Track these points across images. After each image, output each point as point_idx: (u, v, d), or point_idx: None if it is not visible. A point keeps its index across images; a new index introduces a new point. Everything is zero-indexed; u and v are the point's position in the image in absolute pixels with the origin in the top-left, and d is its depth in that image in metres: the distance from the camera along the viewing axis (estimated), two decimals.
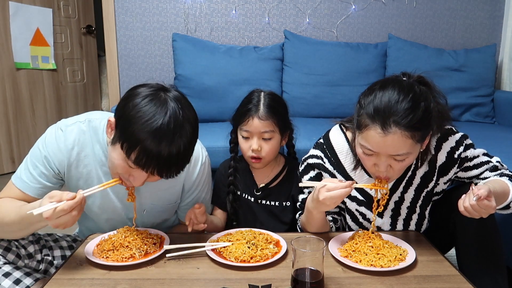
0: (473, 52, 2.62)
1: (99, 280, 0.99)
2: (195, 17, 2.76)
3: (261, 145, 1.33)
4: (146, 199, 1.23)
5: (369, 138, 1.01)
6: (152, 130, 0.94)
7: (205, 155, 1.30)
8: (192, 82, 2.49)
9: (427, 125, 1.02)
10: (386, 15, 2.79)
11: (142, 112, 0.95)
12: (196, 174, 1.26)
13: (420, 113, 0.98)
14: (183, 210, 1.34)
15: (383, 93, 1.01)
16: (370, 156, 1.05)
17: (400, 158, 1.03)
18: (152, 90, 0.99)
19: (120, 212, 1.25)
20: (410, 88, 1.01)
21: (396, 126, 0.97)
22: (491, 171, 1.19)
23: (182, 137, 0.96)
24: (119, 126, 1.00)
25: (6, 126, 3.17)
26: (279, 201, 1.41)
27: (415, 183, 1.22)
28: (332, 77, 2.56)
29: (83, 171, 1.18)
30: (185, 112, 0.98)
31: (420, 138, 1.02)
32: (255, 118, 1.31)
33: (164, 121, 0.94)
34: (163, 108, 0.96)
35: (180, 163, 1.00)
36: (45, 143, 1.15)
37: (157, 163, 0.96)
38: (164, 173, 1.00)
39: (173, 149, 0.95)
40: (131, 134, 0.95)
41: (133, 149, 0.96)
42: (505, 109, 2.55)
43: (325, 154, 1.27)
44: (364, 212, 1.26)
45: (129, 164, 0.99)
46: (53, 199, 0.95)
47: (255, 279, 0.98)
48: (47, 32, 3.35)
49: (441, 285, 0.97)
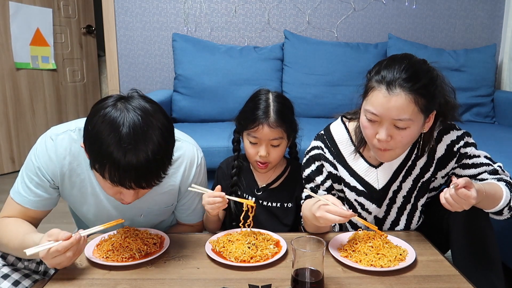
0: (473, 52, 2.62)
1: (99, 280, 0.98)
2: (195, 17, 2.76)
3: (269, 151, 1.32)
4: (143, 203, 1.22)
5: (374, 101, 1.05)
6: (114, 144, 0.91)
7: (200, 157, 1.28)
8: (192, 82, 2.49)
9: (432, 95, 1.05)
10: (386, 15, 2.79)
11: (101, 130, 0.92)
12: (192, 176, 1.25)
13: (425, 80, 1.03)
14: (180, 210, 1.33)
15: (393, 61, 1.06)
16: (373, 123, 1.07)
17: (402, 124, 1.04)
18: (109, 105, 0.96)
19: (116, 219, 1.24)
20: (419, 61, 1.07)
21: (400, 88, 1.01)
22: (490, 174, 1.18)
23: (147, 144, 0.92)
24: (87, 150, 0.98)
25: (6, 126, 3.17)
26: (280, 202, 1.41)
27: (414, 173, 1.22)
28: (332, 77, 2.56)
29: (76, 180, 1.16)
30: (147, 119, 0.94)
31: (423, 107, 1.03)
32: (265, 126, 1.28)
33: (123, 132, 0.91)
34: (119, 119, 0.92)
35: (155, 170, 0.96)
36: (37, 154, 1.13)
37: (130, 175, 0.93)
38: (143, 183, 0.96)
39: (140, 158, 0.91)
40: (97, 154, 0.94)
41: (104, 168, 0.93)
42: (505, 109, 2.55)
43: (325, 145, 1.28)
44: (362, 202, 1.26)
45: (110, 184, 0.97)
46: (51, 238, 0.94)
47: (255, 279, 0.98)
48: (47, 32, 3.35)
49: (441, 285, 0.97)
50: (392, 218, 1.28)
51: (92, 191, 1.18)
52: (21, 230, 1.08)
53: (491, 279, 1.10)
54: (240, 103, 1.42)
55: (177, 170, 1.23)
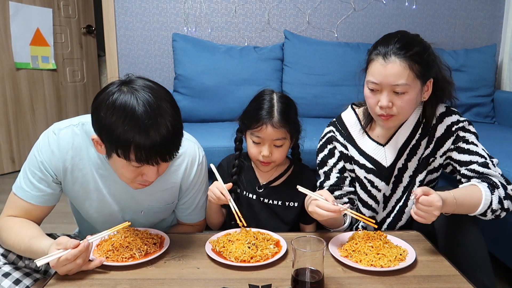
0: (473, 52, 2.62)
1: (99, 280, 0.99)
2: (195, 17, 2.76)
3: (272, 151, 1.33)
4: (144, 200, 1.23)
5: (373, 70, 1.17)
6: (134, 125, 0.93)
7: (202, 155, 1.29)
8: (192, 82, 2.49)
9: (425, 62, 1.16)
10: (386, 15, 2.79)
11: (116, 115, 0.94)
12: (193, 174, 1.26)
13: (418, 48, 1.15)
14: (180, 209, 1.34)
15: (388, 36, 1.20)
16: (375, 92, 1.18)
17: (400, 89, 1.14)
18: (115, 91, 0.97)
19: (117, 215, 1.25)
20: (412, 34, 1.21)
21: (395, 55, 1.13)
22: (479, 166, 1.19)
23: (164, 117, 0.96)
24: (104, 139, 0.99)
25: (6, 126, 3.18)
26: (282, 201, 1.41)
27: (419, 153, 1.29)
28: (332, 77, 2.56)
29: (78, 175, 1.17)
30: (154, 93, 0.97)
31: (419, 73, 1.14)
32: (268, 126, 1.29)
33: (140, 112, 0.93)
34: (132, 101, 0.94)
35: (176, 139, 1.01)
36: (40, 148, 1.14)
37: (156, 150, 0.96)
38: (167, 155, 1.00)
39: (163, 132, 0.95)
40: (118, 139, 0.95)
41: (128, 151, 0.95)
42: (505, 109, 2.55)
43: (336, 128, 1.39)
44: (372, 180, 1.33)
45: (134, 165, 1.00)
46: (60, 247, 0.96)
47: (255, 279, 0.98)
48: (47, 32, 3.35)
49: (441, 285, 0.97)
50: (398, 197, 1.35)
51: (94, 186, 1.18)
52: (27, 233, 1.09)
53: (481, 280, 1.10)
54: (240, 103, 1.43)
55: (178, 167, 1.23)
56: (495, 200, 1.12)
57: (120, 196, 1.20)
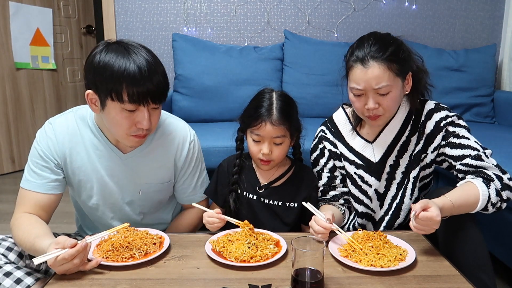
0: (473, 52, 2.62)
1: (99, 280, 0.99)
2: (195, 17, 2.76)
3: (272, 149, 1.33)
4: (140, 179, 1.28)
5: (354, 77, 1.20)
6: (126, 62, 1.05)
7: (193, 134, 1.36)
8: (192, 82, 2.49)
9: (402, 59, 1.19)
10: (386, 15, 2.79)
11: (109, 57, 1.06)
12: (185, 151, 1.32)
13: (392, 48, 1.18)
14: (180, 191, 1.39)
15: (361, 41, 1.22)
16: (360, 97, 1.22)
17: (383, 90, 1.17)
18: (104, 44, 1.12)
19: (117, 197, 1.28)
20: (383, 34, 1.24)
21: (373, 59, 1.16)
22: (472, 159, 1.19)
23: (140, 51, 1.10)
24: (98, 87, 1.08)
25: (6, 126, 3.18)
26: (282, 201, 1.41)
27: (410, 149, 1.32)
28: (332, 77, 2.55)
29: (77, 158, 1.23)
30: (135, 42, 1.14)
31: (397, 72, 1.17)
32: (267, 123, 1.29)
33: (122, 46, 1.09)
34: (121, 48, 1.09)
35: (158, 70, 1.11)
36: (38, 140, 1.23)
37: (148, 89, 1.06)
38: (157, 94, 1.09)
39: (142, 61, 1.06)
40: (110, 80, 1.05)
41: (121, 90, 1.05)
42: (505, 109, 2.55)
43: (327, 127, 1.44)
44: (362, 175, 1.36)
45: (128, 108, 1.08)
46: (58, 246, 0.97)
47: (255, 279, 0.98)
48: (47, 32, 3.35)
49: (441, 285, 0.97)
50: (392, 194, 1.36)
51: (92, 168, 1.24)
52: (33, 232, 1.11)
53: (482, 279, 1.10)
54: (240, 103, 1.43)
55: (171, 143, 1.30)
56: (493, 194, 1.13)
57: (118, 176, 1.25)
